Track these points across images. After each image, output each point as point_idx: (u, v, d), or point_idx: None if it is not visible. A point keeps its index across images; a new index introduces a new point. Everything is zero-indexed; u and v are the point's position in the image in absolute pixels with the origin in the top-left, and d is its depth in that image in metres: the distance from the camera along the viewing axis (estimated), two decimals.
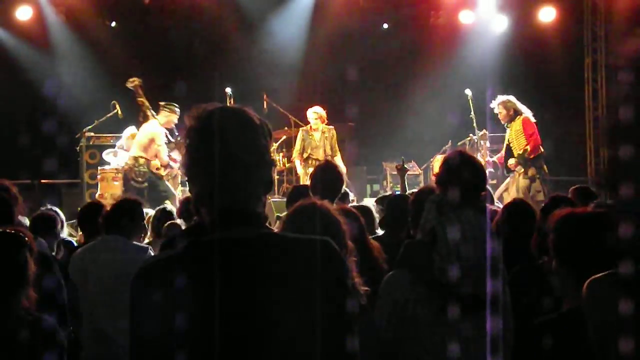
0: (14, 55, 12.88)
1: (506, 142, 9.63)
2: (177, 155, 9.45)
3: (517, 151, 9.38)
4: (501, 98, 9.51)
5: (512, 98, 9.49)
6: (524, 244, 3.56)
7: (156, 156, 9.41)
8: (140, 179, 9.33)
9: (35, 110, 11.80)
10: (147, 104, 9.83)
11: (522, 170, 9.32)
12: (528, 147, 9.29)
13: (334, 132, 10.73)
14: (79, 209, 5.51)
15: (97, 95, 11.88)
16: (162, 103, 9.68)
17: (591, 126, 13.85)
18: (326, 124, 10.64)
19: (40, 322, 2.85)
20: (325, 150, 10.52)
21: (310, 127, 10.57)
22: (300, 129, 10.73)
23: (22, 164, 10.84)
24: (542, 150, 9.48)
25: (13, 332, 2.76)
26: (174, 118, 9.58)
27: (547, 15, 13.26)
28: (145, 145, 9.42)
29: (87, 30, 13.07)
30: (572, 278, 2.37)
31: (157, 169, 9.45)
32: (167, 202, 8.81)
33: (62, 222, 5.82)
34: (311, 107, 10.70)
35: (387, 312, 3.11)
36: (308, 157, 10.40)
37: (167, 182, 9.59)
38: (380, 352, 3.08)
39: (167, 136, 9.59)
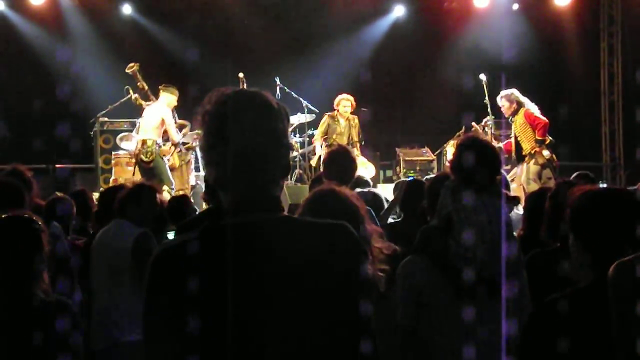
0: (27, 39, 12.91)
1: (513, 134, 9.63)
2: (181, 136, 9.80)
3: (527, 143, 9.38)
4: (504, 92, 9.51)
5: (515, 91, 9.47)
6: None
7: (166, 136, 9.60)
8: (147, 160, 9.43)
9: (49, 94, 11.81)
10: (146, 87, 9.97)
11: (542, 153, 9.28)
12: (537, 135, 9.29)
13: (357, 121, 10.82)
14: (99, 193, 5.50)
15: (110, 80, 11.90)
16: (161, 86, 9.82)
17: (607, 111, 13.76)
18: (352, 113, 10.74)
19: (51, 300, 2.88)
20: (350, 138, 10.61)
21: (339, 113, 10.62)
22: (326, 114, 10.77)
23: (37, 148, 10.88)
24: (549, 138, 9.45)
25: (31, 314, 2.79)
26: (175, 99, 9.74)
27: None
28: (155, 126, 9.54)
29: (100, 15, 13.09)
30: (587, 253, 2.34)
31: (164, 154, 9.63)
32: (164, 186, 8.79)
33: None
34: (334, 93, 10.80)
35: (404, 298, 3.12)
36: (331, 144, 10.41)
37: (166, 165, 9.63)
38: (399, 336, 3.09)
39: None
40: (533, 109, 9.40)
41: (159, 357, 1.72)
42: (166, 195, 6.13)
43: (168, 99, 9.69)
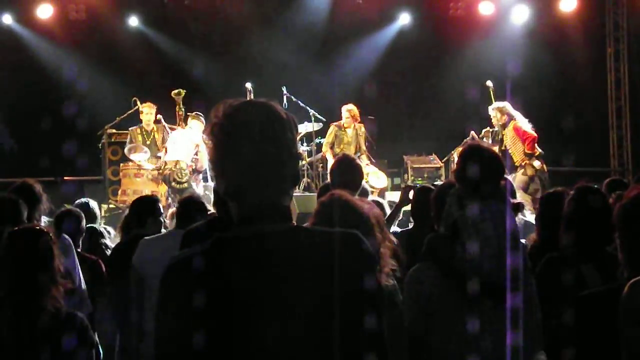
0: (35, 52, 12.98)
1: (502, 147, 9.78)
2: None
3: (517, 156, 9.64)
4: (497, 104, 9.80)
5: (507, 104, 9.74)
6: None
7: (194, 161, 9.89)
8: (182, 180, 9.71)
9: (56, 106, 11.87)
10: (182, 115, 10.22)
11: (532, 164, 9.53)
12: (526, 149, 9.57)
13: (364, 129, 10.85)
14: (132, 203, 5.60)
15: (117, 92, 11.95)
16: (190, 114, 10.12)
17: (614, 116, 13.73)
18: (358, 122, 10.76)
19: (61, 313, 2.88)
20: (357, 147, 10.63)
21: (342, 124, 10.63)
22: (332, 124, 10.80)
23: (45, 161, 10.94)
24: (539, 150, 9.67)
25: (42, 324, 2.80)
26: (202, 127, 9.89)
27: (568, 4, 13.13)
28: (189, 151, 9.83)
29: (107, 28, 13.15)
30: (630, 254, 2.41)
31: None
32: None
33: (96, 215, 5.96)
34: (341, 103, 10.83)
35: (413, 305, 3.12)
36: (339, 154, 10.42)
37: (194, 187, 9.82)
38: (408, 344, 3.09)
39: None
40: (522, 122, 9.67)
41: None
42: None
43: (198, 125, 9.97)
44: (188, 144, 9.89)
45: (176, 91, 10.27)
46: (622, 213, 2.45)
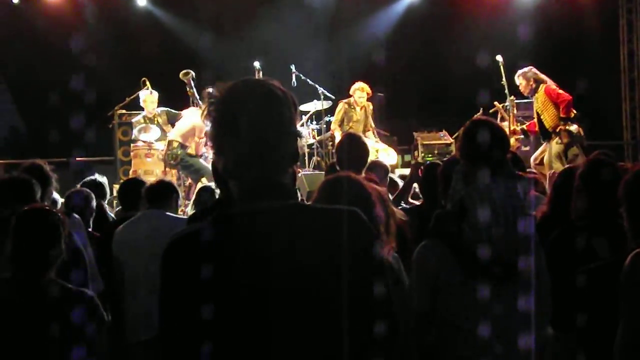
0: (41, 32, 12.99)
1: (535, 113, 9.47)
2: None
3: (550, 121, 9.17)
4: (521, 70, 9.34)
5: (532, 69, 9.30)
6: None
7: (195, 148, 9.76)
8: (172, 162, 9.67)
9: (65, 86, 11.89)
10: (197, 95, 10.07)
11: (567, 130, 9.09)
12: (562, 113, 9.06)
13: (372, 107, 10.84)
14: (120, 184, 5.65)
15: (127, 73, 11.96)
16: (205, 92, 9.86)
17: (627, 89, 13.61)
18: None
19: (82, 294, 2.96)
20: (366, 125, 10.59)
21: (355, 102, 10.60)
22: (342, 101, 10.75)
23: (56, 142, 10.98)
24: (574, 112, 9.23)
25: (45, 295, 2.86)
26: None
27: None
28: (185, 133, 9.70)
29: (115, 8, 13.13)
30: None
31: (191, 155, 9.75)
32: (204, 179, 8.96)
33: (105, 193, 6.00)
34: (351, 80, 10.77)
35: (420, 282, 3.12)
36: (348, 131, 10.41)
37: (201, 161, 9.69)
38: (415, 320, 3.10)
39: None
40: (553, 85, 9.22)
41: (176, 345, 1.74)
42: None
43: None
44: (186, 123, 9.77)
45: (184, 72, 10.20)
46: (625, 187, 2.47)
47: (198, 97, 10.05)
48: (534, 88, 9.24)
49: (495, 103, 10.08)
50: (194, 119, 9.74)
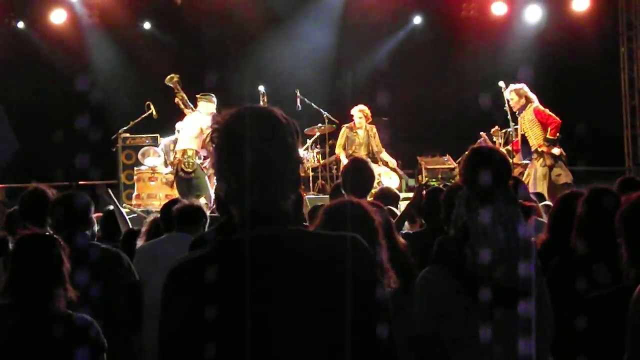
0: (49, 58, 13.08)
1: (520, 131, 9.62)
2: None
3: (534, 140, 9.40)
4: (514, 85, 9.55)
5: (524, 86, 9.53)
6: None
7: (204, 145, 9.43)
8: (189, 170, 9.35)
9: (70, 112, 11.95)
10: (186, 98, 9.94)
11: (550, 152, 9.29)
12: (549, 135, 9.29)
13: (376, 130, 10.83)
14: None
15: (131, 97, 12.02)
16: (199, 95, 9.79)
17: (628, 115, 13.65)
18: (370, 123, 10.75)
19: (72, 318, 2.90)
20: (369, 148, 10.62)
21: (354, 124, 10.62)
22: (344, 125, 10.78)
23: (59, 166, 11.01)
24: (558, 134, 9.43)
25: (49, 329, 2.81)
26: (213, 107, 9.65)
27: (580, 4, 13.05)
28: (195, 135, 9.46)
29: (120, 32, 13.22)
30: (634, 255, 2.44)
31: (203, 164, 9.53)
32: (202, 199, 8.88)
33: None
34: (354, 104, 10.79)
35: (424, 307, 3.12)
36: (352, 155, 10.42)
37: (206, 179, 9.60)
38: (418, 346, 3.10)
39: None
40: (541, 106, 9.43)
41: None
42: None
43: (207, 107, 9.62)
44: (193, 128, 9.54)
45: (169, 77, 10.04)
46: (622, 217, 2.48)
47: (187, 99, 9.90)
48: (523, 105, 9.48)
49: (482, 133, 10.19)
50: (196, 120, 9.57)
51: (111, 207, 5.84)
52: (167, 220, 5.07)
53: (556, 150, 9.32)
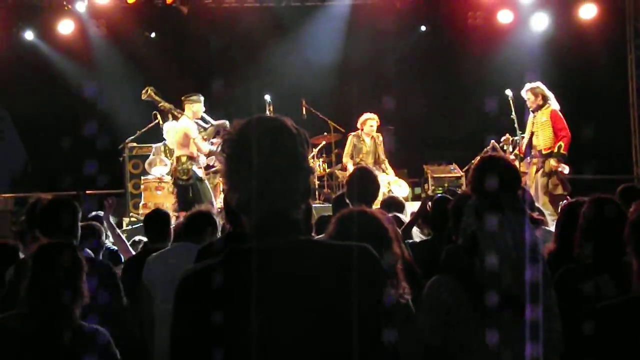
0: (57, 69, 13.13)
1: (529, 128, 9.56)
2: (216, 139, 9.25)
3: (541, 141, 9.34)
4: (530, 85, 9.51)
5: (540, 84, 9.48)
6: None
7: (197, 149, 9.21)
8: (185, 177, 9.10)
9: (78, 121, 12.00)
10: (169, 105, 9.64)
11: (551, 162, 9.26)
12: (562, 143, 9.24)
13: (382, 138, 10.87)
14: (145, 216, 5.62)
15: (138, 106, 12.04)
16: (183, 98, 9.43)
17: (636, 123, 13.61)
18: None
19: (84, 329, 2.89)
20: (376, 156, 10.61)
21: (363, 132, 10.67)
22: (351, 134, 10.82)
23: (67, 175, 11.03)
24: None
25: (63, 340, 2.80)
26: (199, 106, 9.31)
27: (588, 12, 13.05)
28: (182, 142, 9.19)
29: (127, 42, 13.27)
30: None
31: (200, 167, 9.36)
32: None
33: (105, 232, 5.95)
34: (359, 113, 10.82)
35: (432, 317, 3.11)
36: (359, 163, 10.43)
37: (206, 182, 9.46)
38: (425, 355, 3.08)
39: (200, 125, 9.36)
40: (559, 111, 9.38)
41: None
42: None
43: (192, 108, 9.25)
44: (176, 134, 9.24)
45: (143, 93, 9.73)
46: (632, 227, 2.47)
47: (173, 106, 9.60)
48: (541, 105, 9.41)
49: (492, 141, 10.12)
50: (179, 125, 9.26)
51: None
52: (148, 230, 5.14)
53: (566, 170, 9.23)
